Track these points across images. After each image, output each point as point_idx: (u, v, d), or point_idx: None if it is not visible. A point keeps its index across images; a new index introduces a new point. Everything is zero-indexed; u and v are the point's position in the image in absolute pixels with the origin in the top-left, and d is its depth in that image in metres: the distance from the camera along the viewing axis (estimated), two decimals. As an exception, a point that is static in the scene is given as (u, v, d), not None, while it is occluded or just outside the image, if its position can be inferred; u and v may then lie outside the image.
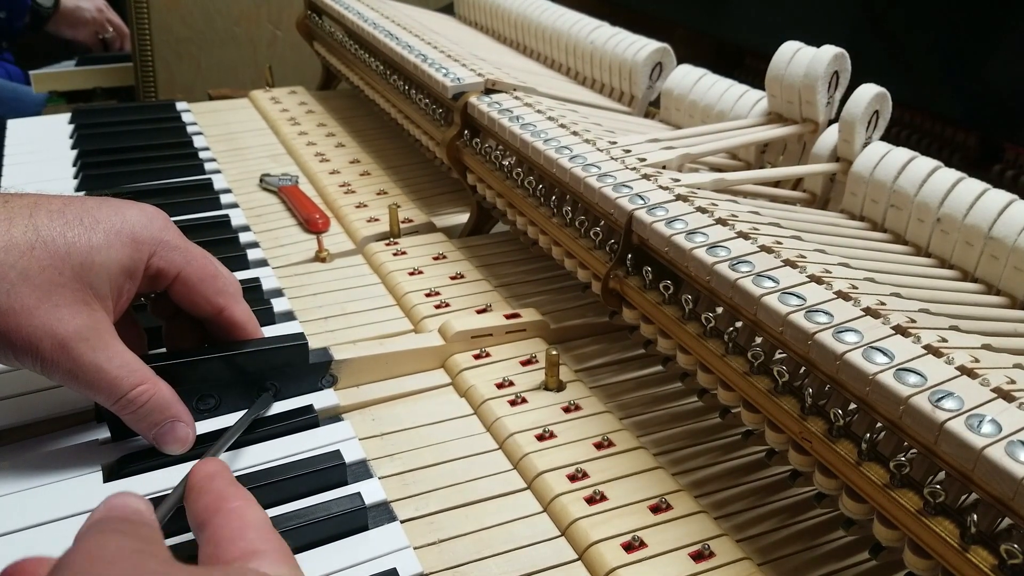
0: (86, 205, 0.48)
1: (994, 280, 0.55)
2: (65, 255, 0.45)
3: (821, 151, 0.69)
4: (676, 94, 0.83)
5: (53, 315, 0.44)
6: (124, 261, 0.48)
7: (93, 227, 0.47)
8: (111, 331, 0.47)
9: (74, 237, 0.46)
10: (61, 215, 0.47)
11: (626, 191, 0.57)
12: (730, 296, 0.47)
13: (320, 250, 0.75)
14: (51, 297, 0.44)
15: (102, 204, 0.49)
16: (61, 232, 0.46)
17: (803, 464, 0.44)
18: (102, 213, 0.48)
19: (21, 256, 0.44)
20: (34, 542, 0.44)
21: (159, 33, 1.48)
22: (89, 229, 0.47)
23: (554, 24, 0.98)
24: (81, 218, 0.47)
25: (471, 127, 0.76)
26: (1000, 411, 0.36)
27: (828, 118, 0.71)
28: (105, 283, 0.47)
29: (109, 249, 0.47)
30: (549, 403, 0.55)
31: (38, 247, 0.45)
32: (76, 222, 0.47)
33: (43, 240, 0.45)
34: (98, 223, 0.48)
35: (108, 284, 0.47)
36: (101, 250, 0.47)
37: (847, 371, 0.40)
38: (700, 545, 0.45)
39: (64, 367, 0.45)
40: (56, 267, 0.45)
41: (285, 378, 0.54)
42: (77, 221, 0.47)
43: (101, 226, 0.48)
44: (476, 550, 0.45)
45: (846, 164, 0.67)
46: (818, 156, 0.70)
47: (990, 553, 0.35)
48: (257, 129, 1.06)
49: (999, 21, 0.80)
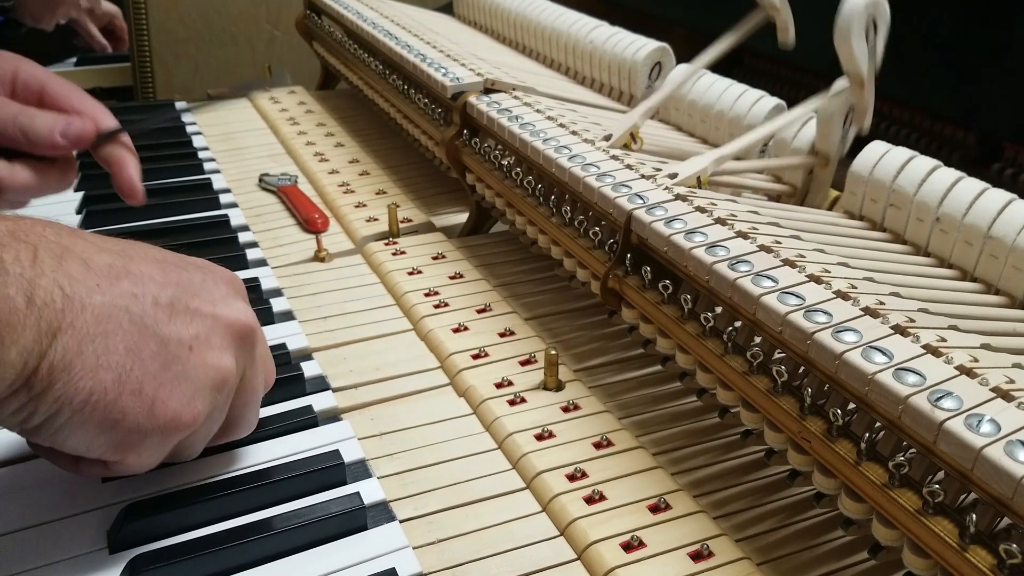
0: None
1: (993, 279, 0.55)
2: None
3: (801, 145, 0.70)
4: (675, 94, 0.83)
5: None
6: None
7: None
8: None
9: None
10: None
11: (625, 190, 0.57)
12: (729, 296, 0.47)
13: (319, 250, 0.75)
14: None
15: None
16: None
17: (802, 464, 0.44)
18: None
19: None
20: (35, 540, 0.44)
21: (157, 34, 1.48)
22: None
23: (553, 24, 0.98)
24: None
25: (470, 127, 0.76)
26: (999, 411, 0.36)
27: (842, 154, 0.70)
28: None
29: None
30: (548, 403, 0.55)
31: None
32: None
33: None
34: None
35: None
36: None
37: (846, 371, 0.40)
38: (699, 545, 0.44)
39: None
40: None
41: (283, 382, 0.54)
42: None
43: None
44: (475, 550, 0.45)
45: (823, 159, 0.67)
46: (797, 150, 0.70)
47: (989, 553, 0.35)
48: (256, 129, 1.06)
49: (999, 20, 0.80)
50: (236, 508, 0.46)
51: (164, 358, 0.40)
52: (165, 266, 0.43)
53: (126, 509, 0.45)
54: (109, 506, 0.46)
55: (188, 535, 0.44)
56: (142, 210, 0.80)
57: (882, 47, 0.65)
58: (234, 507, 0.46)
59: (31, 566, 0.42)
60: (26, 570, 0.42)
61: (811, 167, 0.70)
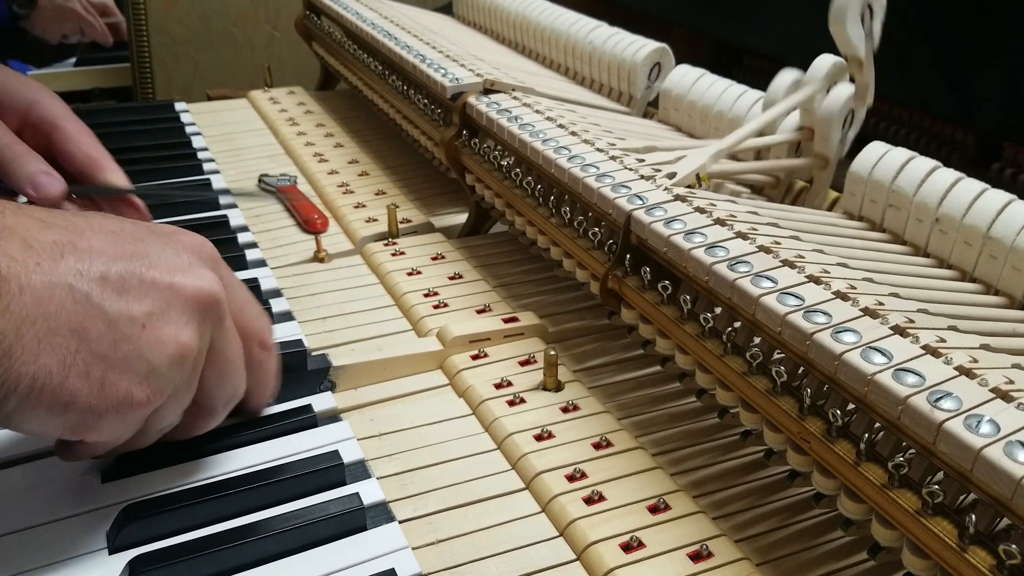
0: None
1: (993, 280, 0.55)
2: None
3: (786, 128, 0.71)
4: (675, 94, 0.83)
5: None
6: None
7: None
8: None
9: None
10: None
11: (624, 191, 0.57)
12: (729, 296, 0.47)
13: (319, 250, 0.75)
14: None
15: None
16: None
17: (802, 464, 0.44)
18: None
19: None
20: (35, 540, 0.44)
21: (156, 34, 1.48)
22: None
23: (552, 24, 0.98)
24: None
25: (470, 127, 0.76)
26: (999, 411, 0.36)
27: (840, 156, 0.71)
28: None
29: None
30: (547, 403, 0.55)
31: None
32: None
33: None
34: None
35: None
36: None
37: (846, 371, 0.40)
38: (699, 545, 0.44)
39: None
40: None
41: (283, 383, 0.54)
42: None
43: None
44: (474, 550, 0.45)
45: (822, 160, 0.68)
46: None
47: (989, 553, 0.35)
48: (256, 129, 1.06)
49: (999, 19, 0.80)
50: (236, 508, 0.46)
51: (113, 337, 0.38)
52: (119, 238, 0.41)
53: (126, 509, 0.45)
54: (109, 506, 0.46)
55: (188, 535, 0.44)
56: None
57: (879, 30, 0.65)
58: (234, 507, 0.46)
59: (31, 566, 0.42)
60: (26, 570, 0.42)
61: (809, 168, 0.70)
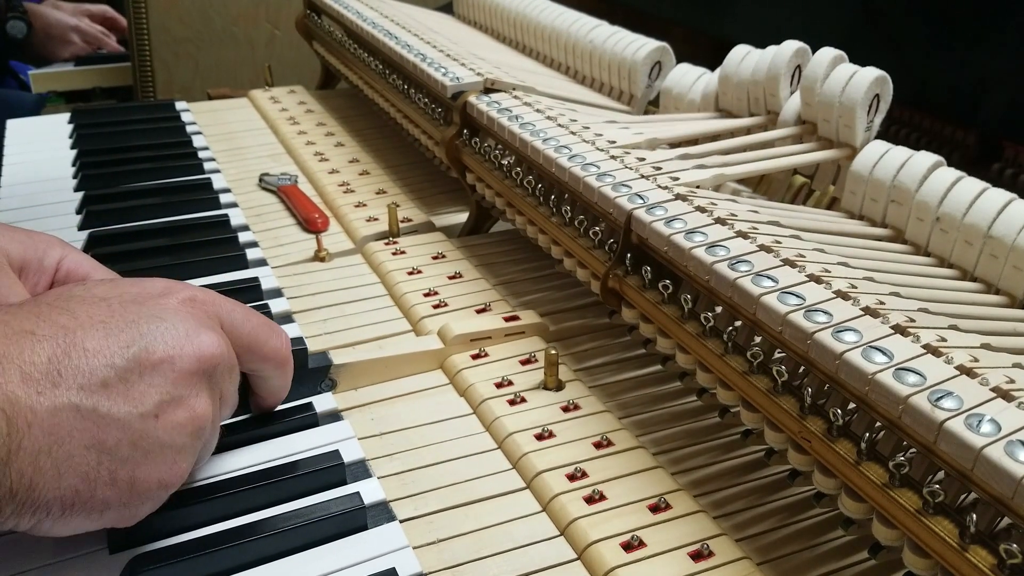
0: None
1: (993, 279, 0.55)
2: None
3: (786, 118, 0.71)
4: (675, 93, 0.83)
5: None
6: (25, 244, 0.50)
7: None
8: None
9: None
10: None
11: (625, 190, 0.57)
12: (729, 295, 0.47)
13: (319, 250, 0.75)
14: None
15: None
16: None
17: (802, 463, 0.44)
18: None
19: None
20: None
21: (157, 33, 1.48)
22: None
23: (553, 23, 0.98)
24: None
25: (470, 126, 0.76)
26: (999, 411, 0.36)
27: (866, 144, 0.67)
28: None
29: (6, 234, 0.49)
30: (548, 402, 0.55)
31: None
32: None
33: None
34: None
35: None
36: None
37: (846, 370, 0.40)
38: (699, 544, 0.44)
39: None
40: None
41: None
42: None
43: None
44: (475, 550, 0.45)
45: (849, 150, 0.67)
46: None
47: (989, 553, 0.35)
48: (256, 129, 1.06)
49: (999, 18, 0.80)
50: (236, 508, 0.46)
51: (130, 439, 0.39)
52: (110, 327, 0.40)
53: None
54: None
55: (188, 535, 0.44)
56: (143, 210, 0.80)
57: (878, 124, 0.66)
58: (234, 507, 0.46)
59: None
60: (26, 570, 0.42)
61: (836, 159, 0.69)
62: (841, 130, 0.68)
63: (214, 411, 0.43)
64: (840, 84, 0.67)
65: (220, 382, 0.44)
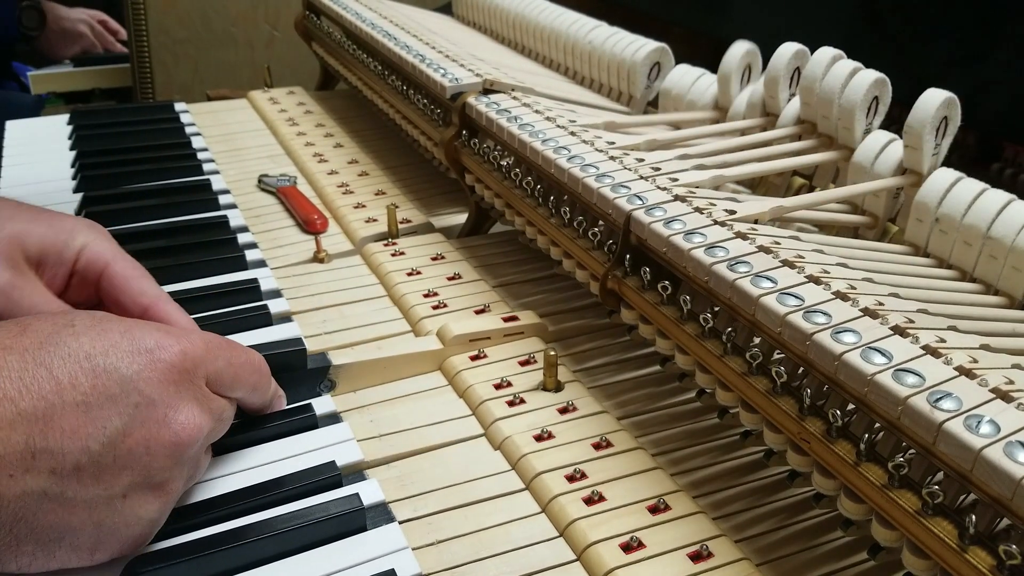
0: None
1: (992, 280, 0.55)
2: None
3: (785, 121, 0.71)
4: (674, 94, 0.83)
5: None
6: (45, 234, 0.51)
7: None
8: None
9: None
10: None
11: (624, 191, 0.57)
12: (728, 296, 0.47)
13: (318, 251, 0.75)
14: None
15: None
16: None
17: (801, 464, 0.44)
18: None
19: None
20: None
21: (156, 34, 1.48)
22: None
23: (552, 24, 0.98)
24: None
25: (469, 127, 0.76)
26: (998, 411, 0.36)
27: (935, 167, 0.64)
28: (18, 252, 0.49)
29: (30, 223, 0.51)
30: (547, 403, 0.55)
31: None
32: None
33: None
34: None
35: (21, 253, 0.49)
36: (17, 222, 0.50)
37: (845, 371, 0.40)
38: (698, 545, 0.44)
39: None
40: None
41: (283, 383, 0.54)
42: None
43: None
44: (474, 551, 0.45)
45: (915, 177, 0.63)
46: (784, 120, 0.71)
47: (988, 554, 0.35)
48: (255, 130, 1.06)
49: (998, 18, 0.80)
50: (236, 510, 0.46)
51: (95, 519, 0.40)
52: (91, 405, 0.39)
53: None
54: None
55: (188, 536, 0.44)
56: (142, 211, 0.80)
57: (946, 148, 0.63)
58: (234, 509, 0.46)
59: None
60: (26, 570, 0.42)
61: (835, 161, 0.68)
62: (840, 132, 0.68)
63: (182, 485, 0.44)
64: (839, 81, 0.67)
65: (197, 454, 0.45)
